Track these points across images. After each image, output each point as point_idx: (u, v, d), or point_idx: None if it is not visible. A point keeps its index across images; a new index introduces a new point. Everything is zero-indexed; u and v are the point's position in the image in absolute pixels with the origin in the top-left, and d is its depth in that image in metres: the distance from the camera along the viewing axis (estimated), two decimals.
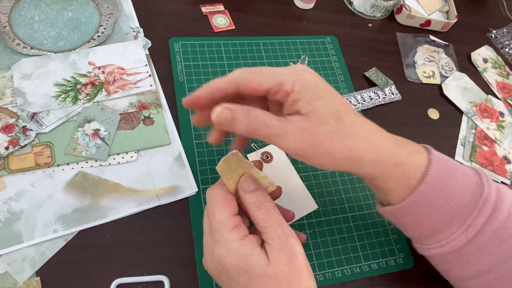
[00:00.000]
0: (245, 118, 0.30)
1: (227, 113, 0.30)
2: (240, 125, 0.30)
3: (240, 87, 0.31)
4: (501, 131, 0.58)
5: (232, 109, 0.30)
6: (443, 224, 0.34)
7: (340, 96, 0.32)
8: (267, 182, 0.35)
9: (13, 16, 0.49)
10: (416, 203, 0.34)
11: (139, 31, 0.53)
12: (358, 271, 0.43)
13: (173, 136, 0.46)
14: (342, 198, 0.47)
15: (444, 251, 0.35)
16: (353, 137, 0.31)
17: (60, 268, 0.37)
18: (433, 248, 0.36)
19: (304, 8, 0.63)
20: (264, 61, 0.55)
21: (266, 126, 0.30)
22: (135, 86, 0.48)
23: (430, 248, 0.37)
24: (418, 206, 0.34)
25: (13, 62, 0.46)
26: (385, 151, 0.32)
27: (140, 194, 0.42)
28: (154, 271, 0.39)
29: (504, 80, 0.65)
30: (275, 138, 0.30)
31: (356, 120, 0.32)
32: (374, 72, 0.58)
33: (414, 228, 0.37)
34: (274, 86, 0.31)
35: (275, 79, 0.31)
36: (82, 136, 0.43)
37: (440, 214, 0.34)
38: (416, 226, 0.36)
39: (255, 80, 0.31)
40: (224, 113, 0.30)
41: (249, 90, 0.31)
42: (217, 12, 0.58)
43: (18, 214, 0.38)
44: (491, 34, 0.70)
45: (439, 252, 0.36)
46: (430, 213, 0.34)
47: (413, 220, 0.35)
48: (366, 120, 0.33)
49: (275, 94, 0.31)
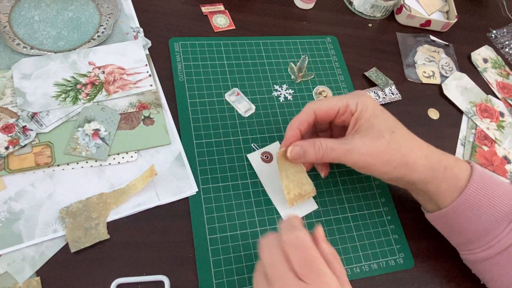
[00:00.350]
0: (312, 149, 0.38)
1: (298, 149, 0.39)
2: (311, 155, 0.38)
3: (316, 113, 0.39)
4: (501, 131, 0.58)
5: (300, 145, 0.39)
6: (491, 224, 0.37)
7: (392, 115, 0.39)
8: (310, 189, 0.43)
9: (13, 16, 0.49)
10: (465, 203, 0.37)
11: (139, 31, 0.53)
12: (358, 271, 0.43)
13: (173, 136, 0.46)
14: (342, 198, 0.47)
15: (492, 253, 0.37)
16: (406, 146, 0.37)
17: (60, 268, 0.37)
18: (482, 251, 0.38)
19: (304, 8, 0.63)
20: (264, 61, 0.55)
21: (331, 151, 0.38)
22: (135, 86, 0.48)
23: (478, 252, 0.39)
24: (467, 207, 0.37)
25: (13, 62, 0.46)
26: (434, 157, 0.38)
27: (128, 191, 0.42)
28: (154, 271, 0.39)
29: (504, 80, 0.65)
30: (342, 157, 0.37)
31: (407, 134, 0.38)
32: (374, 72, 0.58)
33: (462, 231, 0.39)
34: (342, 107, 0.38)
35: (342, 102, 0.38)
36: (82, 136, 0.43)
37: (487, 214, 0.37)
38: (465, 228, 0.38)
39: (328, 106, 0.39)
40: (295, 150, 0.39)
41: (324, 114, 0.39)
42: (217, 12, 0.58)
43: (18, 214, 0.38)
44: (491, 34, 0.70)
45: (487, 255, 0.38)
46: (478, 213, 0.37)
47: (462, 222, 0.38)
48: (414, 135, 0.39)
49: (342, 115, 0.39)
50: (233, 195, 0.44)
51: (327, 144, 0.38)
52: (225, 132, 0.48)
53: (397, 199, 0.48)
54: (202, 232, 0.41)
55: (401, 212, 0.48)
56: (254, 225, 0.43)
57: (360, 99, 0.38)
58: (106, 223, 0.40)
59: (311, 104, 0.40)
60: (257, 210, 0.44)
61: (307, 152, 0.39)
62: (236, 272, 0.40)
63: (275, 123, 0.50)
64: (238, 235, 0.42)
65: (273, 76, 0.54)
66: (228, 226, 0.42)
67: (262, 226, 0.43)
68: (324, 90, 0.55)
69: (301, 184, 0.43)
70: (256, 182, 0.45)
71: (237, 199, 0.44)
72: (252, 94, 0.52)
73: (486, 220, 0.37)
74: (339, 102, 0.39)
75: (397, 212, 0.48)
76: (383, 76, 0.58)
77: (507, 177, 0.54)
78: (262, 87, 0.53)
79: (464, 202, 0.37)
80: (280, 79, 0.54)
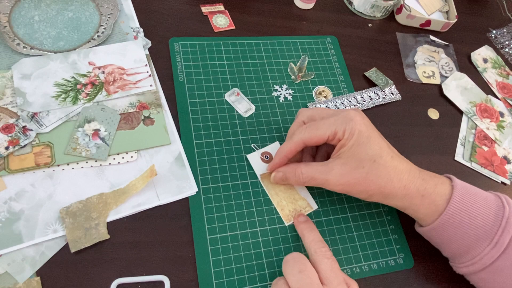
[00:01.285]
0: (293, 176, 0.41)
1: (280, 175, 0.43)
2: (292, 181, 0.42)
3: (306, 143, 0.40)
4: (501, 131, 0.58)
5: (283, 171, 0.42)
6: (472, 242, 0.38)
7: (381, 141, 0.39)
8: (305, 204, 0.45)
9: (13, 16, 0.49)
10: (445, 224, 0.38)
11: (139, 31, 0.53)
12: (358, 271, 0.43)
13: (173, 136, 0.46)
14: (342, 198, 0.47)
15: (477, 268, 0.38)
16: (385, 176, 0.38)
17: (60, 268, 0.37)
18: (466, 266, 0.39)
19: (304, 8, 0.63)
20: (264, 61, 0.55)
21: (311, 179, 0.40)
22: (135, 86, 0.48)
23: (464, 267, 0.39)
24: (447, 227, 0.38)
25: (13, 62, 0.46)
26: (413, 187, 0.38)
27: (128, 191, 0.42)
28: (154, 271, 0.39)
29: (504, 80, 0.65)
30: (320, 185, 0.40)
31: (390, 162, 0.38)
32: (374, 72, 0.58)
33: (447, 246, 0.40)
34: (331, 135, 0.39)
35: (331, 130, 0.39)
36: (82, 136, 0.43)
37: (468, 233, 0.38)
38: (448, 245, 0.39)
39: (317, 136, 0.40)
40: (277, 176, 0.43)
41: (313, 143, 0.40)
42: (217, 12, 0.58)
43: (18, 214, 0.38)
44: (491, 34, 0.70)
45: (473, 270, 0.38)
46: (459, 232, 0.38)
47: (445, 240, 0.39)
48: (400, 161, 0.39)
49: (331, 141, 0.40)
50: (233, 195, 0.44)
51: (308, 173, 0.40)
52: (225, 132, 0.48)
53: None
54: (202, 232, 0.41)
55: (401, 212, 0.47)
56: (254, 225, 0.43)
57: (349, 126, 0.38)
58: (106, 223, 0.40)
59: (300, 134, 0.40)
60: (257, 210, 0.44)
61: (288, 178, 0.42)
62: (236, 272, 0.40)
63: (275, 123, 0.50)
64: (238, 235, 0.42)
65: (273, 76, 0.54)
66: (228, 226, 0.42)
67: (262, 226, 0.43)
68: (324, 90, 0.55)
69: (294, 200, 0.44)
70: (256, 182, 0.45)
71: (237, 199, 0.44)
72: (252, 94, 0.52)
73: (468, 238, 0.38)
74: (328, 131, 0.39)
75: (397, 212, 0.48)
76: (383, 76, 0.58)
77: (507, 177, 0.54)
78: (262, 87, 0.53)
79: (444, 223, 0.38)
80: (280, 79, 0.54)
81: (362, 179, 0.38)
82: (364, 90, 0.56)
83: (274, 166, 0.43)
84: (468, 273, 0.39)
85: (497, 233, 0.37)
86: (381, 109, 0.56)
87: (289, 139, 0.42)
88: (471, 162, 0.54)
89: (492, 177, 0.53)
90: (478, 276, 0.39)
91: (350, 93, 0.55)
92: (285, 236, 0.43)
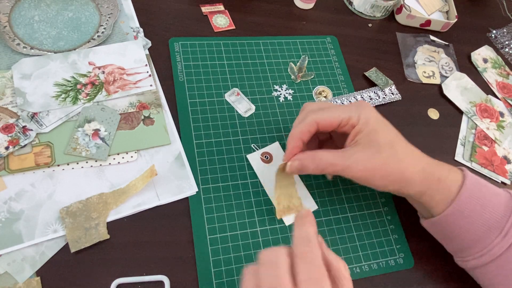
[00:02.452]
0: (312, 163, 0.38)
1: (297, 164, 0.39)
2: (310, 169, 0.39)
3: (319, 124, 0.39)
4: (501, 131, 0.58)
5: (300, 159, 0.39)
6: (482, 233, 0.37)
7: (393, 128, 0.40)
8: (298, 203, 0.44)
9: (13, 16, 0.49)
10: (456, 212, 0.38)
11: (139, 31, 0.53)
12: (358, 271, 0.43)
13: (173, 136, 0.46)
14: (342, 198, 0.47)
15: (486, 260, 0.38)
16: (404, 161, 0.38)
17: (60, 268, 0.37)
18: (475, 259, 0.39)
19: (304, 8, 0.63)
20: (264, 61, 0.55)
21: (331, 165, 0.38)
22: (135, 86, 0.48)
23: (472, 259, 0.39)
24: (458, 216, 0.38)
25: (13, 62, 0.46)
26: (429, 169, 0.39)
27: (128, 191, 0.42)
28: (154, 271, 0.39)
29: (504, 80, 0.65)
30: (340, 172, 0.38)
31: (406, 148, 0.39)
32: (374, 72, 0.58)
33: (455, 239, 0.40)
34: (345, 119, 0.38)
35: (345, 114, 0.38)
36: (82, 136, 0.43)
37: (479, 223, 0.37)
38: (457, 236, 0.39)
39: (330, 118, 0.39)
40: (294, 165, 0.39)
41: (326, 125, 0.39)
42: (217, 12, 0.58)
43: (18, 214, 0.38)
44: (491, 34, 0.70)
45: (481, 262, 0.38)
46: (469, 221, 0.38)
47: (454, 230, 0.39)
48: (413, 148, 0.40)
49: (343, 126, 0.39)
50: (233, 195, 0.44)
51: (327, 159, 0.38)
52: (225, 132, 0.48)
53: (397, 199, 0.48)
54: (202, 232, 0.41)
55: (401, 212, 0.48)
56: (254, 225, 0.43)
57: (363, 112, 0.38)
58: (106, 223, 0.40)
59: (314, 115, 0.39)
60: (257, 210, 0.44)
61: (306, 166, 0.39)
62: (236, 272, 0.40)
63: (275, 123, 0.50)
64: (238, 235, 0.42)
65: (273, 76, 0.54)
66: (228, 226, 0.42)
67: (262, 226, 0.43)
68: (324, 90, 0.55)
69: (290, 197, 0.44)
70: (256, 182, 0.45)
71: (237, 199, 0.44)
72: (252, 94, 0.52)
73: (478, 228, 0.38)
74: (342, 114, 0.39)
75: (397, 212, 0.48)
76: (383, 76, 0.58)
77: (507, 177, 0.54)
78: (262, 87, 0.53)
79: (455, 212, 0.38)
80: (280, 79, 0.54)
81: (383, 164, 0.37)
82: (364, 90, 0.56)
83: (290, 152, 0.40)
84: (476, 266, 0.39)
85: (507, 224, 0.37)
86: (381, 109, 0.56)
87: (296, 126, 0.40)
88: (471, 162, 0.54)
89: (492, 177, 0.53)
90: (485, 269, 0.38)
91: (350, 93, 0.55)
92: (285, 236, 0.43)
